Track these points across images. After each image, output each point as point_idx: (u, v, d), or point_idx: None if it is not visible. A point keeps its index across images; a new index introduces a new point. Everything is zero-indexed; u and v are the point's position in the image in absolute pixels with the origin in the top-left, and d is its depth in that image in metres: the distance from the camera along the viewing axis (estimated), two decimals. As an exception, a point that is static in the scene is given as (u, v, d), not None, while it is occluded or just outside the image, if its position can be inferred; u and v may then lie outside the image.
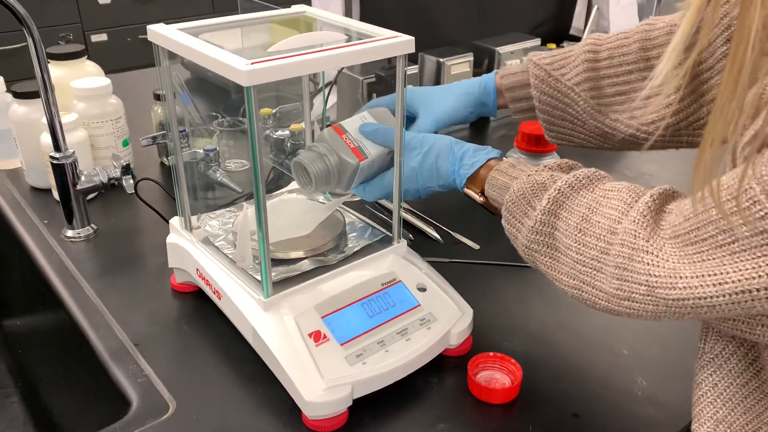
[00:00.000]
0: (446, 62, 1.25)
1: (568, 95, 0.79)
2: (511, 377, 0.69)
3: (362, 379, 0.64)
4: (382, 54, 0.64)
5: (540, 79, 0.80)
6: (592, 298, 0.57)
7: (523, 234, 0.62)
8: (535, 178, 0.63)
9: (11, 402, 1.12)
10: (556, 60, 0.81)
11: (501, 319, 0.80)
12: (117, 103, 1.07)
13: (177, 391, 0.68)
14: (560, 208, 0.60)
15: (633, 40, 0.77)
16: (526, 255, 0.63)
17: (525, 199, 0.63)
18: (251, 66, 0.56)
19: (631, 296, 0.53)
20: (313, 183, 0.74)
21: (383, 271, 0.73)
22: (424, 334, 0.69)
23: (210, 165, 0.99)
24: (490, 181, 0.69)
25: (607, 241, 0.56)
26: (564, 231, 0.59)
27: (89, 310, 0.80)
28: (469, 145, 0.74)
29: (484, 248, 0.93)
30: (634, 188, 0.57)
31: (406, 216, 0.99)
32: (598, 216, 0.57)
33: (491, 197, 0.69)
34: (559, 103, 0.80)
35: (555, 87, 0.80)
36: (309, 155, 0.74)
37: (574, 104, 0.79)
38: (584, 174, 0.61)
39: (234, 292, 0.70)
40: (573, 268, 0.58)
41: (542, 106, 0.81)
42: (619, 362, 0.74)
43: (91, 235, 0.95)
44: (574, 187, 0.60)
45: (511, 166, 0.68)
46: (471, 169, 0.72)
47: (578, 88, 0.79)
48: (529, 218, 0.61)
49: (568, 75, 0.79)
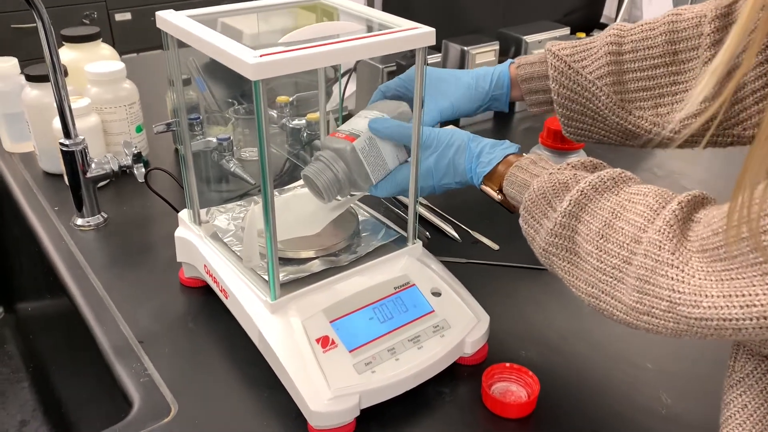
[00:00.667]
0: (470, 51, 1.21)
1: (588, 89, 0.75)
2: (528, 390, 0.66)
3: (371, 389, 0.61)
4: (400, 46, 0.60)
5: (559, 71, 0.76)
6: (609, 308, 0.55)
7: (541, 236, 0.59)
8: (557, 176, 0.59)
9: (22, 387, 1.11)
10: (577, 51, 0.76)
11: (519, 326, 0.76)
12: (131, 88, 1.04)
13: (180, 392, 0.66)
14: (582, 211, 0.56)
15: (659, 32, 0.72)
16: (543, 258, 0.60)
17: (545, 198, 0.59)
18: (259, 59, 0.53)
19: (651, 311, 0.51)
20: (324, 195, 0.71)
21: (396, 273, 0.70)
22: (437, 342, 0.66)
23: (223, 155, 0.97)
24: (509, 177, 0.65)
25: (630, 250, 0.52)
26: (585, 236, 0.56)
27: (95, 303, 0.78)
28: (487, 141, 0.71)
29: (504, 249, 0.90)
30: (661, 193, 0.54)
31: (424, 213, 0.96)
32: (621, 222, 0.54)
33: (509, 195, 0.66)
34: (579, 98, 0.76)
35: (575, 80, 0.75)
36: (315, 167, 0.71)
37: (595, 99, 0.75)
38: (609, 175, 0.57)
39: (241, 292, 0.68)
40: (592, 276, 0.55)
41: (561, 100, 0.77)
42: (642, 377, 0.70)
43: (101, 223, 0.93)
44: (597, 189, 0.56)
45: (532, 163, 0.65)
46: (488, 166, 0.68)
47: (600, 82, 0.74)
48: (549, 220, 0.58)
49: (589, 68, 0.75)
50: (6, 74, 1.07)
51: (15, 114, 1.08)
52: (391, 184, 0.73)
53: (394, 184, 0.73)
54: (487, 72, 0.83)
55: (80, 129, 0.96)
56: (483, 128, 1.24)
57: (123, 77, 1.03)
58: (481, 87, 0.82)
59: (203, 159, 0.97)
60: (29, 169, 1.07)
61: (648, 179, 1.08)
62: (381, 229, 0.75)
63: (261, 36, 0.73)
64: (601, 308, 0.56)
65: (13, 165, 1.09)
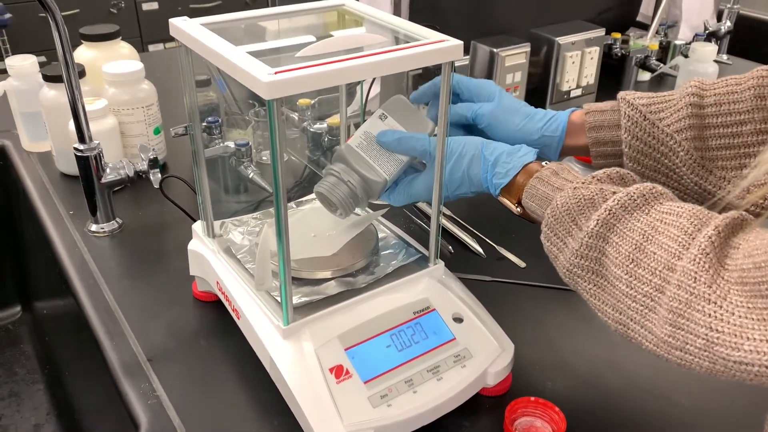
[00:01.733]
0: (500, 53, 1.16)
1: (666, 143, 0.68)
2: (554, 427, 0.62)
3: (386, 424, 0.58)
4: (425, 62, 0.57)
5: (633, 121, 0.69)
6: (638, 338, 0.51)
7: (565, 255, 0.55)
8: (582, 192, 0.55)
9: (37, 389, 1.10)
10: (654, 102, 0.69)
11: (545, 355, 0.72)
12: (149, 89, 1.02)
13: (187, 417, 0.63)
14: (610, 232, 0.52)
15: (746, 87, 0.65)
16: (567, 278, 0.56)
17: (570, 216, 0.55)
18: (274, 77, 0.49)
19: (684, 347, 0.47)
20: (340, 210, 0.67)
21: (416, 297, 0.66)
22: (457, 373, 0.62)
23: (241, 161, 0.94)
24: (529, 190, 0.61)
25: (663, 278, 0.48)
26: (614, 259, 0.52)
27: (106, 316, 0.76)
28: (502, 148, 0.65)
29: (531, 266, 0.85)
30: (696, 213, 0.49)
31: (447, 225, 0.92)
32: (653, 246, 0.50)
33: (530, 209, 0.61)
34: (654, 152, 0.68)
35: (651, 133, 0.68)
36: (328, 182, 0.67)
37: (673, 154, 0.68)
38: (639, 192, 0.52)
39: (253, 314, 0.65)
40: (620, 302, 0.51)
41: (633, 153, 0.69)
42: (676, 414, 0.65)
43: (115, 230, 0.91)
44: (627, 208, 0.52)
45: (554, 174, 0.60)
46: (505, 178, 0.63)
47: (678, 136, 0.67)
48: (574, 239, 0.54)
49: (667, 120, 0.68)
50: (25, 72, 1.05)
51: (33, 113, 1.06)
52: (406, 195, 0.69)
53: (407, 195, 0.69)
54: (546, 113, 0.74)
55: (97, 131, 0.94)
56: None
57: (141, 78, 1.01)
58: (534, 125, 0.73)
59: (221, 165, 0.94)
60: (47, 169, 1.06)
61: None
62: (401, 247, 0.72)
63: (282, 35, 0.69)
64: (630, 336, 0.52)
65: (30, 165, 1.07)
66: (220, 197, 0.93)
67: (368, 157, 0.66)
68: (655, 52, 1.42)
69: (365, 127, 0.68)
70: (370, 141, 0.67)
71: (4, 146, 1.13)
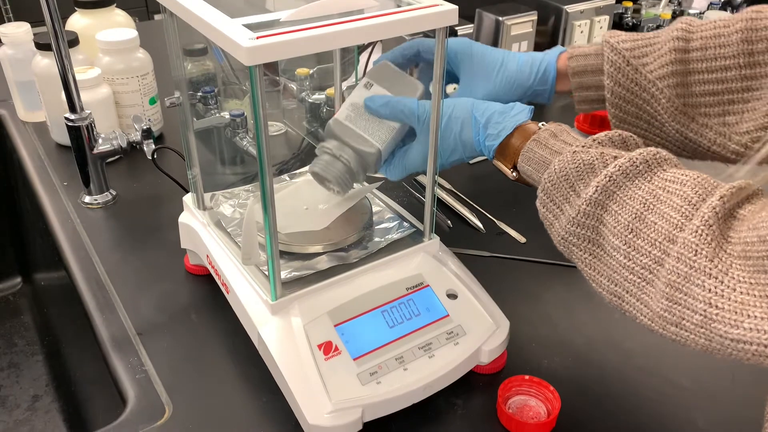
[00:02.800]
0: (506, 21, 1.13)
1: (647, 89, 0.66)
2: (548, 407, 0.60)
3: (375, 402, 0.56)
4: (417, 27, 0.54)
5: (616, 66, 0.67)
6: (633, 311, 0.49)
7: (561, 223, 0.53)
8: (581, 156, 0.52)
9: (36, 360, 1.10)
10: (638, 46, 0.67)
11: (542, 331, 0.70)
12: (144, 58, 0.99)
13: (175, 392, 0.62)
14: (610, 200, 0.50)
15: (734, 30, 0.63)
16: (562, 246, 0.54)
17: (568, 181, 0.52)
18: (255, 41, 0.47)
19: (681, 322, 0.45)
20: (338, 188, 0.65)
21: (410, 272, 0.65)
22: (450, 350, 0.61)
23: (236, 131, 0.91)
24: (526, 153, 0.58)
25: (662, 249, 0.46)
26: (612, 228, 0.49)
27: (96, 289, 0.75)
28: (494, 107, 0.62)
29: (531, 242, 0.83)
30: (701, 181, 0.47)
31: (446, 199, 0.90)
32: (654, 215, 0.47)
33: (525, 173, 0.59)
34: (636, 98, 0.67)
35: (633, 78, 0.67)
36: (322, 161, 0.65)
37: (654, 101, 0.66)
38: (641, 158, 0.50)
39: (242, 288, 0.63)
40: (617, 273, 0.49)
41: (615, 99, 0.68)
42: (677, 396, 0.64)
43: (109, 201, 0.90)
44: (628, 175, 0.50)
45: (552, 136, 0.57)
46: (497, 139, 0.61)
47: (661, 83, 0.65)
48: (572, 206, 0.52)
49: (650, 65, 0.66)
50: (18, 40, 1.03)
51: (28, 82, 1.04)
52: (401, 168, 0.67)
53: (403, 168, 0.67)
54: (533, 60, 0.74)
55: (90, 101, 0.92)
56: (517, 105, 1.17)
57: (136, 46, 0.99)
58: (524, 79, 0.73)
59: (216, 136, 0.92)
60: (42, 139, 1.04)
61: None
62: (396, 221, 0.70)
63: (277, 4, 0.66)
64: (624, 309, 0.50)
65: (26, 135, 1.06)
66: (216, 169, 0.91)
67: (358, 128, 0.64)
68: (667, 21, 1.37)
69: (352, 98, 0.65)
70: (359, 112, 0.64)
71: (0, 116, 1.12)
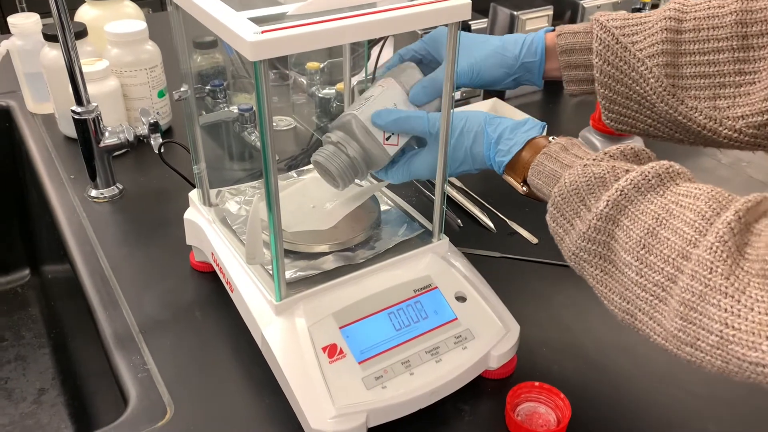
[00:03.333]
0: (521, 16, 1.10)
1: (636, 69, 0.64)
2: (558, 414, 0.59)
3: (380, 407, 0.55)
4: (429, 21, 0.52)
5: (605, 44, 0.65)
6: (646, 329, 0.48)
7: (571, 238, 0.51)
8: (592, 170, 0.51)
9: (43, 353, 1.10)
10: (629, 24, 0.65)
11: (553, 336, 0.69)
12: (153, 50, 0.98)
13: (177, 393, 0.61)
14: (621, 215, 0.48)
15: (729, 11, 0.60)
16: (573, 261, 0.53)
17: (578, 195, 0.51)
18: (260, 36, 0.46)
19: (696, 343, 0.43)
20: (338, 182, 0.63)
21: (418, 274, 0.63)
22: (458, 355, 0.59)
23: (245, 126, 0.90)
24: (536, 167, 0.57)
25: (676, 266, 0.44)
26: (624, 244, 0.48)
27: (101, 285, 0.74)
28: (506, 123, 0.61)
29: (543, 243, 0.81)
30: (715, 195, 0.45)
31: (457, 197, 0.88)
32: (667, 231, 0.45)
33: (535, 187, 0.57)
34: (626, 78, 0.65)
35: (622, 57, 0.64)
36: (327, 151, 0.63)
37: (643, 81, 0.64)
38: (654, 171, 0.48)
39: (246, 287, 0.62)
40: (629, 290, 0.48)
41: (604, 79, 0.66)
42: (690, 403, 0.62)
43: (115, 195, 0.89)
44: (640, 189, 0.48)
45: (563, 150, 0.56)
46: (508, 155, 0.60)
47: (650, 62, 0.63)
48: (582, 221, 0.50)
49: (640, 44, 0.63)
50: (27, 31, 1.02)
51: (37, 74, 1.03)
52: (404, 172, 0.66)
53: (406, 173, 0.65)
54: (518, 37, 0.72)
55: (98, 93, 0.91)
56: (530, 101, 1.15)
57: (145, 38, 0.97)
58: (510, 51, 0.71)
59: (224, 131, 0.91)
60: (50, 132, 1.03)
61: (710, 167, 0.98)
62: (404, 221, 0.68)
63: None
64: (637, 327, 0.49)
65: (35, 127, 1.05)
66: (223, 164, 0.90)
67: (375, 131, 0.63)
68: (686, 17, 1.34)
69: (374, 97, 0.64)
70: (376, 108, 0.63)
71: (9, 108, 1.11)
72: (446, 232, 0.66)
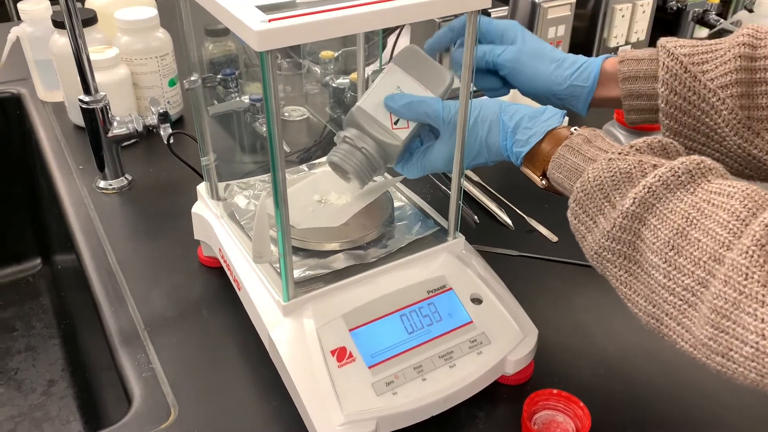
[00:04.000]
0: (543, 4, 1.07)
1: (707, 100, 0.59)
2: (577, 423, 0.56)
3: (390, 414, 0.53)
4: (446, 10, 0.49)
5: (672, 73, 0.60)
6: (673, 335, 0.45)
7: (594, 236, 0.48)
8: (617, 164, 0.47)
9: (53, 344, 1.09)
10: (698, 52, 0.61)
11: (572, 340, 0.66)
12: (164, 38, 0.96)
13: (182, 393, 0.59)
14: (648, 213, 0.45)
15: None
16: (595, 261, 0.49)
17: (602, 191, 0.48)
18: (267, 24, 0.43)
19: (728, 353, 0.41)
20: (357, 180, 0.61)
21: (432, 274, 0.60)
22: (472, 360, 0.57)
23: (256, 117, 0.88)
24: (557, 160, 0.53)
25: (707, 270, 0.42)
26: (651, 244, 0.45)
27: (107, 278, 0.72)
28: (524, 111, 0.58)
29: (563, 241, 0.78)
30: (751, 194, 0.42)
31: (474, 193, 0.85)
32: (698, 232, 0.42)
33: (556, 181, 0.54)
34: (694, 109, 0.60)
35: (691, 87, 0.60)
36: (341, 150, 0.61)
37: (714, 112, 0.59)
38: (684, 167, 0.45)
39: (253, 286, 0.60)
40: (655, 293, 0.45)
41: (670, 110, 0.61)
42: (722, 417, 0.59)
43: (124, 187, 0.87)
44: (669, 186, 0.45)
45: (586, 142, 0.52)
46: (526, 145, 0.56)
47: (723, 92, 0.59)
48: (606, 219, 0.47)
49: (711, 73, 0.59)
50: (37, 18, 1.00)
51: (47, 61, 1.01)
52: (419, 167, 0.63)
53: (421, 167, 0.63)
54: (576, 59, 0.67)
55: (108, 82, 0.89)
56: (551, 92, 1.11)
57: (156, 25, 0.95)
58: (561, 71, 0.66)
59: (235, 121, 0.89)
60: (60, 120, 1.02)
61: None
62: (419, 218, 0.66)
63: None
64: (663, 333, 0.46)
65: (45, 115, 1.04)
66: (233, 156, 0.88)
67: (381, 118, 0.60)
68: (715, 6, 1.29)
69: (377, 85, 0.61)
70: (382, 101, 0.60)
71: (20, 95, 1.10)
72: (461, 229, 0.63)
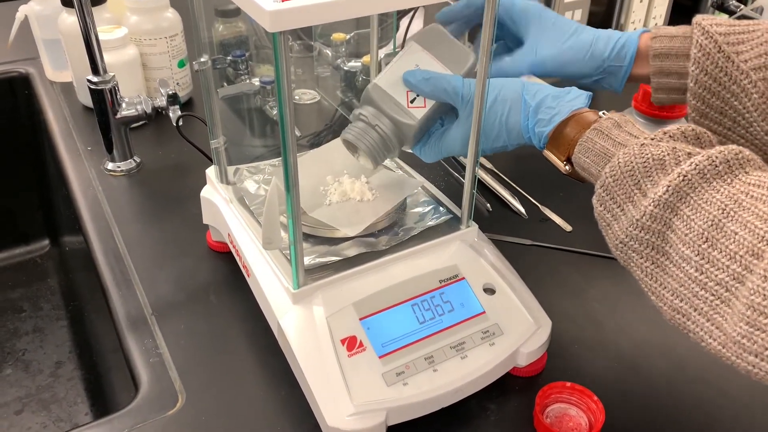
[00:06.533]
0: (560, -13, 1.04)
1: (738, 82, 0.57)
2: (590, 418, 0.55)
3: (401, 405, 0.52)
4: (465, -8, 0.48)
5: (705, 51, 0.58)
6: (700, 332, 0.43)
7: (621, 225, 0.47)
8: (650, 150, 0.46)
9: (61, 326, 1.09)
10: (735, 32, 0.58)
11: (586, 332, 0.65)
12: (174, 18, 0.94)
13: (189, 380, 0.59)
14: (682, 203, 0.43)
15: None
16: (619, 250, 0.48)
17: (633, 178, 0.46)
18: (280, 5, 0.42)
19: (762, 353, 0.39)
20: (371, 160, 0.60)
21: (444, 263, 0.59)
22: (485, 351, 0.56)
23: (267, 99, 0.87)
24: (584, 143, 0.51)
25: (744, 265, 0.40)
26: (683, 236, 0.43)
27: (114, 262, 0.71)
28: (547, 90, 0.56)
29: (578, 230, 0.77)
30: None
31: (488, 180, 0.84)
32: (735, 224, 0.41)
33: (581, 166, 0.52)
34: (724, 91, 0.59)
35: (723, 67, 0.58)
36: (356, 128, 0.59)
37: (744, 95, 0.58)
38: (721, 156, 0.43)
39: (262, 273, 0.59)
40: (684, 287, 0.43)
41: (698, 90, 0.60)
42: (739, 415, 0.58)
43: (132, 169, 0.86)
44: (705, 176, 0.43)
45: (616, 126, 0.50)
46: (549, 125, 0.54)
47: (755, 75, 0.57)
48: (636, 207, 0.45)
49: (745, 54, 0.57)
50: (46, -4, 0.99)
51: (56, 40, 1.00)
52: (436, 150, 0.61)
53: (438, 150, 0.61)
54: (612, 36, 0.66)
55: (117, 62, 0.88)
56: (566, 78, 1.09)
57: (166, 5, 0.94)
58: (599, 50, 0.65)
59: (245, 104, 0.87)
60: (68, 101, 1.01)
61: None
62: (431, 206, 0.64)
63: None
64: (689, 329, 0.44)
65: (53, 95, 1.03)
66: (243, 139, 0.87)
67: (397, 96, 0.58)
68: (736, -8, 1.26)
69: (395, 62, 0.60)
70: (400, 79, 0.58)
71: (28, 75, 1.09)
72: (474, 217, 0.62)
